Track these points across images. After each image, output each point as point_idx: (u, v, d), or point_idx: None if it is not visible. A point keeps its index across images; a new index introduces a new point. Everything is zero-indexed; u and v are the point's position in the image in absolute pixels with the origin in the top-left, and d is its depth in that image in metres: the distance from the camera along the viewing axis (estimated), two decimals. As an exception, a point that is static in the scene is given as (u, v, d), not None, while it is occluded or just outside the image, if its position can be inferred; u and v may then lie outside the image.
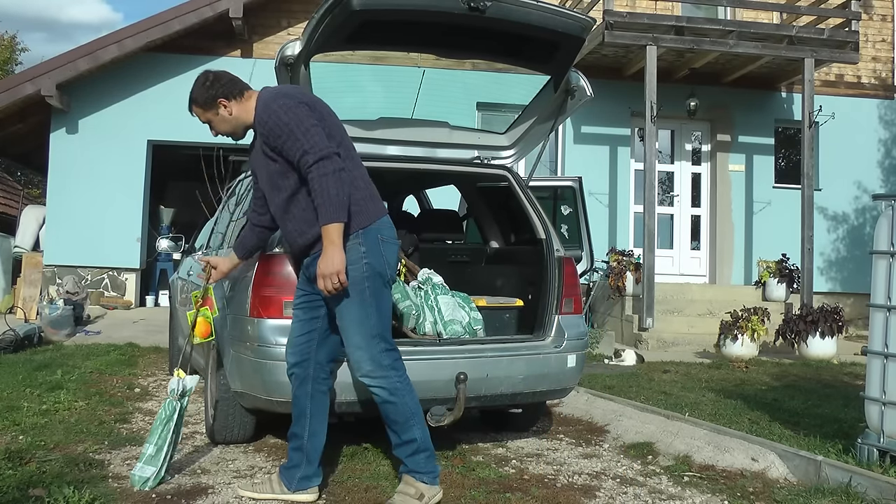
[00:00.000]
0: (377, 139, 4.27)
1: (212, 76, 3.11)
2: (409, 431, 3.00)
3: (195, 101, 3.13)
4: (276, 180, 3.04)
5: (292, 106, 2.90)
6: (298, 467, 3.15)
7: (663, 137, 11.71)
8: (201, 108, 3.13)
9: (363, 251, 2.96)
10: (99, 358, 6.79)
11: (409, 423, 3.00)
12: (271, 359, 3.55)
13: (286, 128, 2.87)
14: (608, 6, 9.70)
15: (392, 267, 3.06)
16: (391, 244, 3.07)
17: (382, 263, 3.00)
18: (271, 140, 2.95)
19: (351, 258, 2.92)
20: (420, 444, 3.00)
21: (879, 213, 3.62)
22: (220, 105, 3.09)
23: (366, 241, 2.97)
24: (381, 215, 3.06)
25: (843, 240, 11.94)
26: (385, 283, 3.04)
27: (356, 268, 2.94)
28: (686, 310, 9.81)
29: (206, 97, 3.09)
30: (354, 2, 3.22)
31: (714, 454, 3.87)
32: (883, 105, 12.22)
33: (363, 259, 2.95)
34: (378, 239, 3.00)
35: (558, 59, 3.81)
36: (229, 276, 4.11)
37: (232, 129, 3.17)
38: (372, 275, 2.96)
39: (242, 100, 3.09)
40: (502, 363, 3.67)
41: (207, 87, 3.08)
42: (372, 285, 2.97)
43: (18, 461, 3.49)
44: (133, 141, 10.92)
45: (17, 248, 11.80)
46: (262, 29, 11.08)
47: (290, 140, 2.87)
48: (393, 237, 3.09)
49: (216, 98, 3.08)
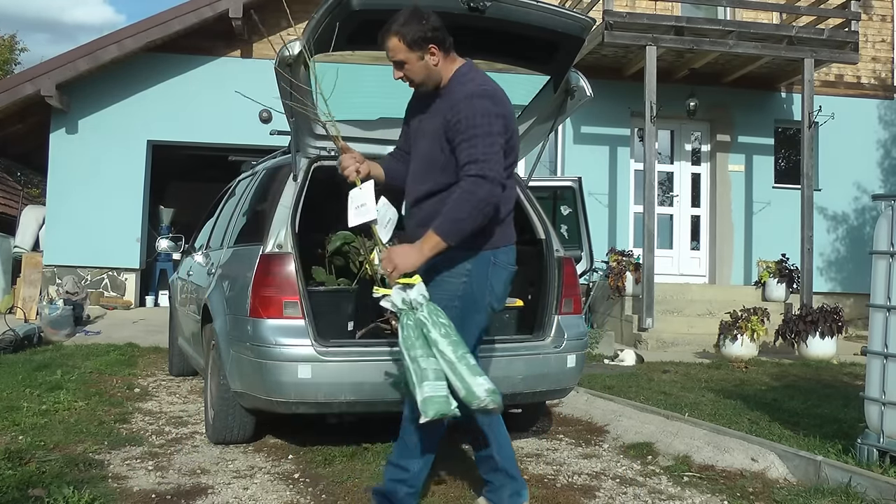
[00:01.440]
0: (377, 139, 4.27)
1: (431, 16, 2.77)
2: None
3: (402, 35, 2.74)
4: (431, 167, 2.82)
5: (492, 114, 2.68)
6: (503, 487, 2.96)
7: (663, 138, 11.71)
8: (409, 46, 2.74)
9: (468, 269, 2.76)
10: (99, 358, 6.79)
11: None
12: (271, 359, 3.56)
13: (474, 129, 2.65)
14: (608, 6, 9.70)
15: (496, 295, 2.84)
16: (502, 269, 2.83)
17: (483, 288, 2.79)
18: (452, 131, 2.70)
19: (454, 270, 2.75)
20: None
21: (879, 214, 3.63)
22: (430, 51, 2.76)
23: (475, 260, 2.76)
24: (504, 243, 2.83)
25: (843, 240, 11.95)
26: (478, 309, 2.80)
27: (453, 282, 2.76)
28: (686, 310, 9.81)
29: (417, 36, 2.73)
30: (354, 2, 3.22)
31: (714, 454, 3.87)
32: (882, 105, 12.22)
33: (463, 277, 2.76)
34: (490, 261, 2.78)
35: (558, 60, 3.81)
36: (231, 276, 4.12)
37: (423, 80, 2.84)
38: (464, 295, 2.76)
39: (448, 58, 2.82)
40: (502, 363, 3.67)
41: (423, 26, 2.73)
42: (461, 305, 2.75)
43: (18, 461, 3.50)
44: (133, 141, 10.92)
45: (16, 249, 11.80)
46: (261, 29, 11.07)
47: (471, 142, 2.65)
48: (507, 262, 2.86)
49: (429, 42, 2.75)
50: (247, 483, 3.42)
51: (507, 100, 2.82)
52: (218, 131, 10.78)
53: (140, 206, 11.03)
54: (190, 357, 5.39)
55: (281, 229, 3.74)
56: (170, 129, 10.92)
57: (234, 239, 4.56)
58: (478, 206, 2.61)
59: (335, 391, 3.56)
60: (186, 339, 5.47)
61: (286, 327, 3.58)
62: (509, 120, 2.78)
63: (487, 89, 2.77)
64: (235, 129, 10.43)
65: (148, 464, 3.67)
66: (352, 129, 4.21)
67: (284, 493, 3.28)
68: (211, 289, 4.35)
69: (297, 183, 3.86)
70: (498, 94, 2.79)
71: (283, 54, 3.52)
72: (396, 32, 2.75)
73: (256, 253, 3.76)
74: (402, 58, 2.78)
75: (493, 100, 2.73)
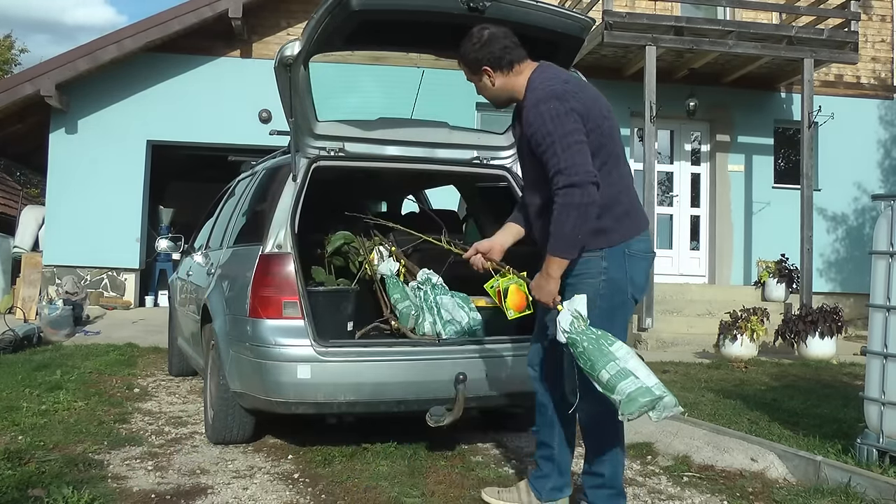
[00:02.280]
0: (377, 139, 4.27)
1: (487, 36, 2.84)
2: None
3: (463, 58, 2.91)
4: (537, 181, 2.81)
5: (562, 113, 2.64)
6: (549, 477, 3.02)
7: (663, 138, 11.71)
8: (467, 68, 2.92)
9: (604, 266, 2.76)
10: (98, 358, 6.79)
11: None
12: (270, 359, 3.56)
13: (549, 138, 2.63)
14: (607, 6, 9.70)
15: (636, 285, 2.82)
16: (640, 259, 2.82)
17: (624, 280, 2.78)
18: (534, 145, 2.71)
19: (590, 271, 2.76)
20: (607, 480, 2.87)
21: (879, 214, 3.63)
22: (484, 73, 2.87)
23: (610, 256, 2.76)
24: (635, 234, 2.81)
25: (843, 240, 11.95)
26: (622, 303, 2.81)
27: (593, 283, 2.76)
28: (685, 310, 9.81)
29: (472, 59, 2.86)
30: (354, 2, 3.22)
31: (713, 454, 3.87)
32: (882, 105, 12.22)
33: (602, 275, 2.76)
34: (624, 253, 2.77)
35: (558, 60, 3.78)
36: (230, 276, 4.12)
37: (493, 98, 2.96)
38: (608, 293, 2.76)
39: (511, 74, 2.85)
40: (502, 364, 3.67)
41: (476, 49, 2.84)
42: (603, 304, 2.74)
43: (18, 461, 3.49)
44: (132, 141, 10.92)
45: (16, 249, 11.80)
46: (261, 29, 11.07)
47: (550, 153, 2.63)
48: (643, 251, 2.84)
49: (481, 64, 2.85)
50: (246, 483, 3.42)
51: (579, 90, 2.78)
52: (217, 131, 10.78)
53: (139, 206, 11.02)
54: (189, 357, 5.39)
55: (280, 229, 3.73)
56: (169, 129, 10.92)
57: (234, 239, 4.56)
58: (578, 214, 2.58)
59: (335, 391, 3.56)
60: (186, 339, 5.47)
61: (286, 327, 3.58)
62: (588, 110, 2.71)
63: (552, 90, 2.72)
64: (235, 129, 10.44)
65: (147, 464, 3.67)
66: (351, 130, 4.21)
67: (284, 493, 3.28)
68: (210, 289, 4.35)
69: (297, 183, 3.86)
70: (566, 89, 2.73)
71: (283, 54, 3.52)
72: (460, 57, 2.90)
73: (256, 253, 3.76)
74: (469, 79, 2.95)
75: (559, 98, 2.68)
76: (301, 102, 3.79)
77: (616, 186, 2.77)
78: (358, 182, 5.21)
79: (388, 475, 3.50)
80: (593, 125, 2.70)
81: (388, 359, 3.67)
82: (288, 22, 11.08)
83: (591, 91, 2.85)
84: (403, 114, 4.62)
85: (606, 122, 2.78)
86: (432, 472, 3.58)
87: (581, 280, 2.77)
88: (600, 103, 2.81)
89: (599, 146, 2.71)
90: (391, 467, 3.64)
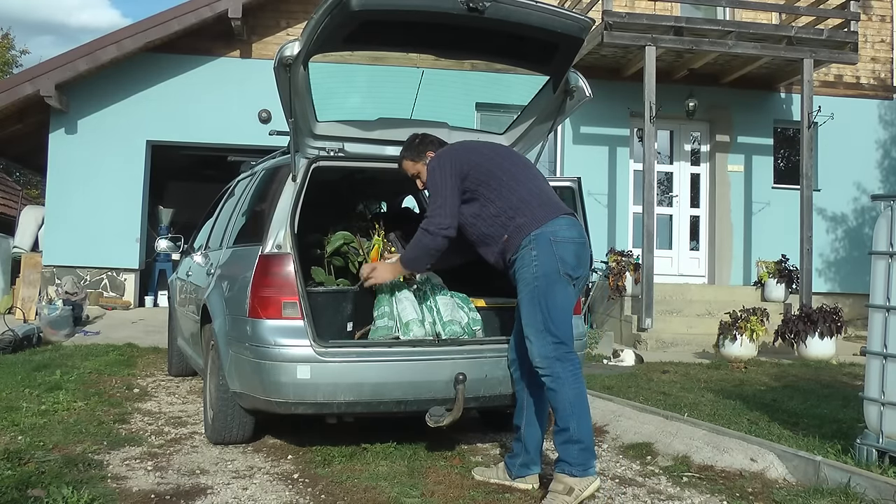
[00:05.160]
0: (376, 139, 4.27)
1: (419, 136, 3.72)
2: (565, 420, 3.10)
3: (405, 158, 3.71)
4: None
5: (436, 168, 3.40)
6: (518, 455, 3.40)
7: (662, 138, 11.71)
8: (411, 162, 3.68)
9: (534, 254, 3.19)
10: (98, 358, 6.79)
11: (567, 412, 3.10)
12: (270, 359, 3.56)
13: (432, 185, 3.42)
14: (607, 7, 9.71)
15: (568, 264, 3.20)
16: (566, 244, 3.22)
17: (554, 261, 3.18)
18: None
19: (524, 262, 3.21)
20: (573, 434, 3.09)
21: (878, 214, 3.62)
22: (428, 156, 3.58)
23: (537, 245, 3.19)
24: (550, 217, 3.24)
25: (842, 240, 11.95)
26: (558, 279, 3.18)
27: (527, 270, 3.19)
28: (685, 310, 9.82)
29: (416, 152, 3.67)
30: (353, 2, 3.21)
31: (713, 454, 3.87)
32: (882, 105, 12.22)
33: (533, 262, 3.18)
34: (550, 241, 3.19)
35: (557, 60, 3.81)
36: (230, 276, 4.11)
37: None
38: (541, 274, 3.16)
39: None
40: (501, 364, 3.67)
41: (417, 144, 3.68)
42: (541, 284, 3.16)
43: (17, 461, 3.49)
44: (132, 141, 10.92)
45: (16, 249, 11.79)
46: (261, 29, 11.08)
47: (431, 196, 3.46)
48: (570, 237, 3.24)
49: (424, 151, 3.63)
50: (246, 483, 3.42)
51: (467, 145, 3.61)
52: (217, 131, 10.78)
53: (139, 206, 11.02)
54: (189, 357, 5.39)
55: (280, 230, 3.73)
56: (169, 130, 10.92)
57: (234, 239, 4.55)
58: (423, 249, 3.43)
59: (334, 392, 3.55)
60: (185, 339, 5.47)
61: (285, 328, 3.58)
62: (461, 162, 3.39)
63: (445, 150, 3.55)
64: (234, 130, 10.44)
65: (147, 464, 3.67)
66: (351, 130, 4.21)
67: (283, 494, 3.28)
68: (210, 289, 4.35)
69: (297, 183, 3.86)
70: (451, 149, 3.53)
71: (282, 55, 3.52)
72: (402, 157, 3.74)
73: (255, 253, 3.75)
74: (414, 171, 3.70)
75: (439, 156, 3.47)
76: (301, 103, 3.79)
77: (517, 192, 3.31)
78: (358, 182, 5.21)
79: (387, 475, 3.50)
80: (469, 170, 3.36)
81: (387, 359, 3.66)
82: (287, 22, 11.09)
83: (473, 144, 3.68)
84: (403, 114, 4.61)
85: (486, 164, 3.40)
86: (432, 473, 3.58)
87: (519, 270, 3.23)
88: (479, 152, 3.50)
89: (477, 183, 3.35)
90: (391, 467, 3.64)
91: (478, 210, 3.35)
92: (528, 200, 3.29)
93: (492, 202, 3.31)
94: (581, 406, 3.13)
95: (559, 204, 3.36)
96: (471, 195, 3.35)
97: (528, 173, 3.45)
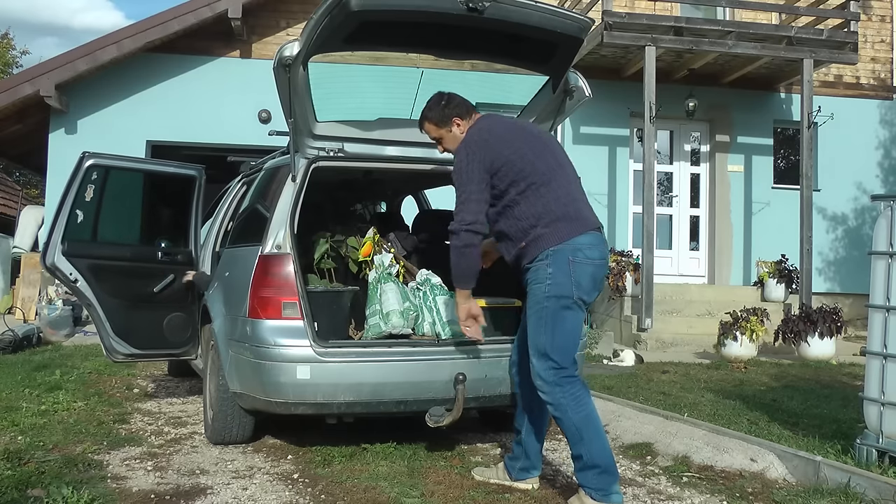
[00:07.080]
0: (376, 139, 4.27)
1: (446, 97, 3.39)
2: (576, 447, 3.02)
3: (429, 119, 3.40)
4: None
5: (465, 158, 3.16)
6: (518, 459, 3.40)
7: (662, 138, 11.71)
8: (434, 125, 3.39)
9: (550, 272, 3.03)
10: (98, 358, 6.78)
11: (575, 437, 3.02)
12: (270, 359, 3.56)
13: (458, 175, 3.17)
14: (607, 7, 9.70)
15: (583, 287, 3.05)
16: (585, 265, 3.05)
17: (569, 283, 3.02)
18: None
19: (538, 277, 3.06)
20: (587, 461, 3.00)
21: (878, 214, 3.63)
22: (455, 123, 3.35)
23: (554, 262, 3.03)
24: (573, 234, 3.07)
25: (842, 240, 11.95)
26: (569, 304, 3.04)
27: (540, 287, 3.05)
28: (685, 310, 9.81)
29: (441, 115, 3.36)
30: (353, 2, 3.21)
31: (713, 454, 3.87)
32: (882, 106, 12.22)
33: (547, 280, 3.03)
34: (569, 261, 3.03)
35: (557, 60, 3.81)
36: (230, 277, 4.11)
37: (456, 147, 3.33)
38: (553, 295, 3.03)
39: (470, 120, 3.36)
40: (501, 364, 3.67)
41: (443, 107, 3.36)
42: (551, 306, 3.03)
43: (17, 461, 3.50)
44: (132, 141, 10.88)
45: (15, 249, 11.78)
46: (260, 29, 11.07)
47: (457, 188, 3.19)
48: (589, 259, 3.07)
49: (451, 117, 3.35)
50: (246, 483, 3.42)
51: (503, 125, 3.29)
52: (217, 131, 10.77)
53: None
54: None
55: (280, 230, 3.73)
56: (169, 130, 10.90)
57: (233, 239, 4.55)
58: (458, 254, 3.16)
59: (334, 392, 3.56)
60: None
61: (285, 328, 3.58)
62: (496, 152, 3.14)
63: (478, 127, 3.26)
64: (234, 130, 10.44)
65: (147, 464, 3.67)
66: (351, 130, 4.21)
67: (283, 494, 3.28)
68: (210, 289, 4.35)
69: (296, 183, 3.86)
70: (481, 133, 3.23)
71: (282, 55, 3.52)
72: (425, 117, 3.41)
73: (255, 254, 3.76)
74: (437, 135, 3.42)
75: (469, 142, 3.21)
76: (300, 103, 3.79)
77: (544, 199, 3.10)
78: (357, 182, 5.21)
79: (387, 475, 3.50)
80: (504, 161, 3.13)
81: (387, 359, 3.67)
82: (287, 22, 11.08)
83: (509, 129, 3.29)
84: (403, 114, 4.61)
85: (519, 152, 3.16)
86: (432, 473, 3.58)
87: (532, 283, 3.09)
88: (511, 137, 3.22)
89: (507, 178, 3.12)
90: (391, 467, 3.64)
91: (501, 209, 3.17)
92: (553, 210, 3.09)
93: (517, 204, 3.12)
94: (589, 429, 3.00)
95: (587, 218, 3.17)
96: (498, 192, 3.16)
97: (562, 176, 3.20)
